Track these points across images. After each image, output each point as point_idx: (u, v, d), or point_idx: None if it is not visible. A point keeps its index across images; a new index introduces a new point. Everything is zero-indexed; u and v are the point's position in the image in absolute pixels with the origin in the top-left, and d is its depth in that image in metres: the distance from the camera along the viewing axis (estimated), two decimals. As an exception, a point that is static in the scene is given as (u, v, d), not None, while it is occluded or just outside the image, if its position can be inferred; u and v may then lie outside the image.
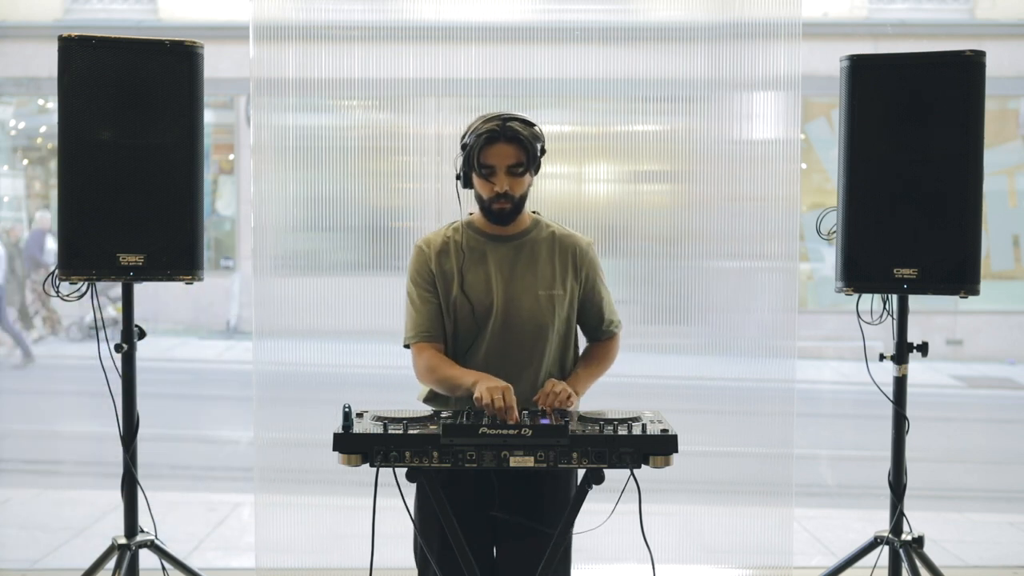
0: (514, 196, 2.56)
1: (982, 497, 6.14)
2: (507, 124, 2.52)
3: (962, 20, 11.98)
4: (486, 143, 2.52)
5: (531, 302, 2.60)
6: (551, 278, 2.64)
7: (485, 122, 2.54)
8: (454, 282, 2.60)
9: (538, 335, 2.60)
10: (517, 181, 2.56)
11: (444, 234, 2.67)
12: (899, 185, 3.03)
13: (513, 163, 2.54)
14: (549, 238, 2.68)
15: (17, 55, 11.79)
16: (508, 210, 2.58)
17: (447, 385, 2.55)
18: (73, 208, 2.91)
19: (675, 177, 4.02)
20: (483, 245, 2.64)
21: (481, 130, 2.53)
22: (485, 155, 2.53)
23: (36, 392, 8.98)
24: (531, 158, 2.55)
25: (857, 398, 8.69)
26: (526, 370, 2.59)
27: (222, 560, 4.51)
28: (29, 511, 5.20)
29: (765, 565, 3.99)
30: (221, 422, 8.24)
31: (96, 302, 3.05)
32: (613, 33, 3.96)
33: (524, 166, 2.55)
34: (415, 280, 2.65)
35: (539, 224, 2.70)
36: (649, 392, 4.02)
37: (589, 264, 2.70)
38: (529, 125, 2.56)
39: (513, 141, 2.52)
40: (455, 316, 2.61)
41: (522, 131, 2.53)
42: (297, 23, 3.84)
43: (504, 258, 2.63)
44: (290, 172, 3.89)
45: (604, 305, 2.74)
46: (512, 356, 2.58)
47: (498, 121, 2.53)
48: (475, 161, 2.54)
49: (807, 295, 11.78)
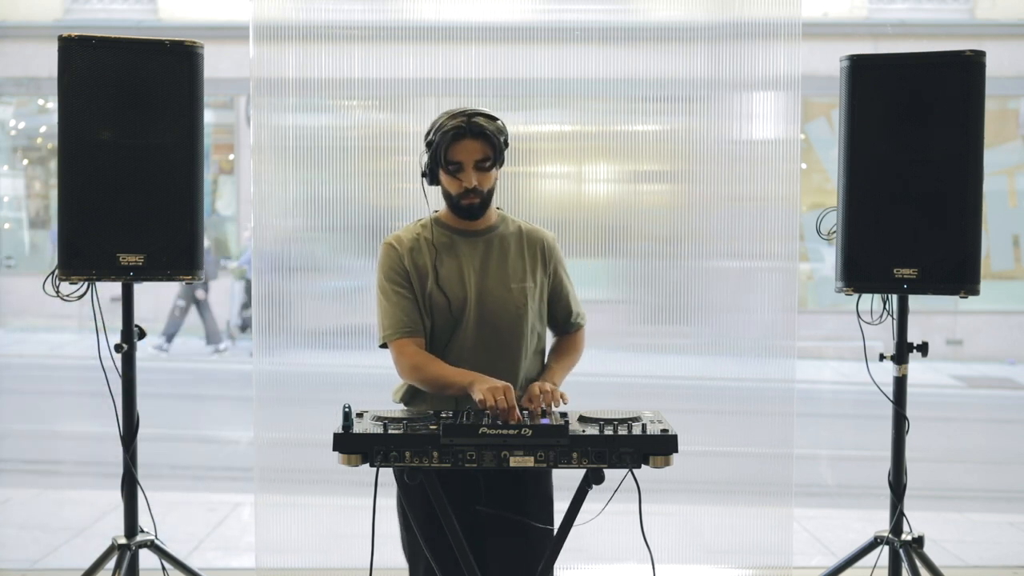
0: (482, 191, 2.58)
1: (982, 497, 6.14)
2: (472, 120, 2.53)
3: (962, 20, 11.98)
4: (452, 139, 2.53)
5: (504, 294, 2.62)
6: (522, 271, 2.66)
7: (450, 118, 2.55)
8: (428, 277, 2.61)
9: (514, 327, 2.61)
10: (485, 176, 2.57)
11: (414, 231, 2.68)
12: (899, 185, 3.03)
13: (480, 158, 2.55)
14: (516, 232, 2.70)
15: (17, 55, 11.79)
16: (477, 205, 2.59)
17: (436, 384, 2.55)
18: (73, 208, 2.91)
19: (675, 177, 4.02)
20: (453, 240, 2.65)
21: (447, 127, 2.54)
22: (452, 152, 2.55)
23: (36, 392, 8.98)
24: (497, 152, 2.57)
25: (857, 398, 8.70)
26: (504, 361, 2.60)
27: (222, 560, 4.51)
28: (29, 511, 5.20)
29: (765, 565, 3.99)
30: (221, 422, 8.24)
31: (96, 302, 3.05)
32: (613, 33, 3.96)
33: (491, 160, 2.56)
34: (389, 276, 2.64)
35: (505, 219, 2.72)
36: (649, 392, 4.02)
37: (556, 258, 2.73)
38: (493, 119, 2.58)
39: (479, 136, 2.54)
40: (431, 311, 2.61)
41: (487, 126, 2.54)
42: (297, 23, 3.84)
43: (475, 252, 2.65)
44: (290, 172, 3.89)
45: (571, 298, 2.77)
46: (490, 348, 2.60)
47: (463, 117, 2.54)
48: (442, 158, 2.56)
49: (807, 295, 11.78)
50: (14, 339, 11.98)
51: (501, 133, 2.58)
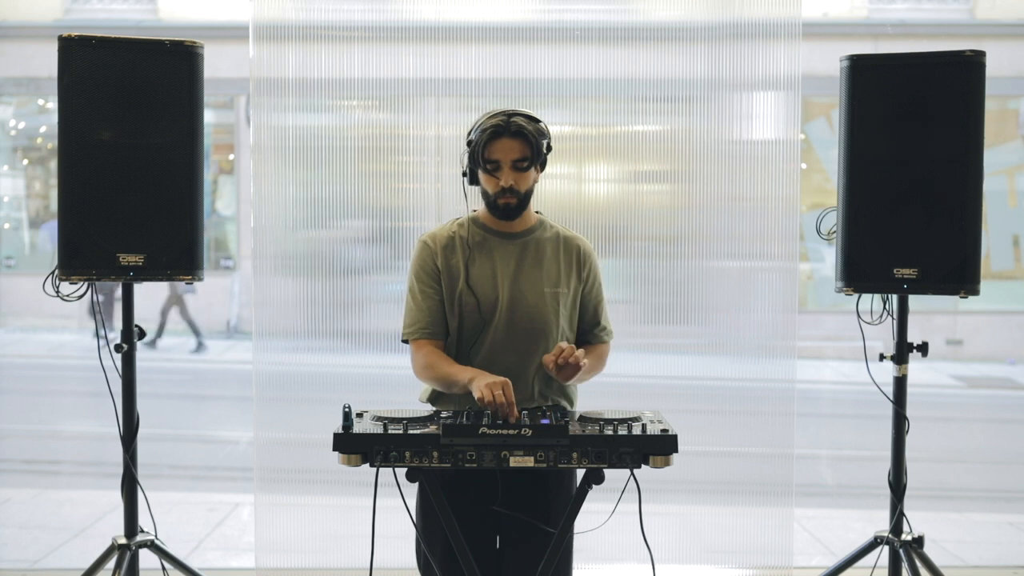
0: (519, 191, 2.57)
1: (982, 497, 6.14)
2: (511, 119, 2.53)
3: (962, 20, 11.98)
4: (491, 138, 2.54)
5: (536, 299, 2.61)
6: (556, 276, 2.64)
7: (490, 118, 2.56)
8: (460, 277, 2.61)
9: (542, 332, 2.60)
10: (522, 176, 2.56)
11: (449, 230, 2.68)
12: (899, 185, 3.03)
13: (518, 157, 2.54)
14: (554, 237, 2.69)
15: (17, 55, 11.80)
16: (514, 205, 2.59)
17: (444, 382, 2.55)
18: (73, 208, 2.91)
19: (675, 177, 4.02)
20: (489, 241, 2.65)
21: (486, 125, 2.54)
22: (490, 150, 2.54)
23: (36, 392, 8.98)
24: (536, 153, 2.56)
25: (857, 398, 8.70)
26: (529, 367, 2.59)
27: (222, 560, 4.51)
28: (29, 511, 5.20)
29: (765, 565, 3.99)
30: (221, 422, 8.24)
31: (96, 302, 3.05)
32: (613, 33, 3.96)
33: (529, 161, 2.56)
34: (418, 275, 2.65)
35: (544, 223, 2.71)
36: (649, 392, 4.02)
37: (592, 265, 2.71)
38: (534, 121, 2.57)
39: (517, 136, 2.53)
40: (460, 311, 2.61)
41: (527, 126, 2.54)
42: (297, 23, 3.84)
43: (510, 254, 2.64)
44: (290, 172, 3.89)
45: (600, 308, 2.75)
46: (516, 352, 2.58)
47: (503, 116, 2.54)
48: (480, 156, 2.55)
49: (807, 295, 11.79)
50: (14, 339, 11.99)
51: (542, 135, 2.58)
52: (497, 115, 2.55)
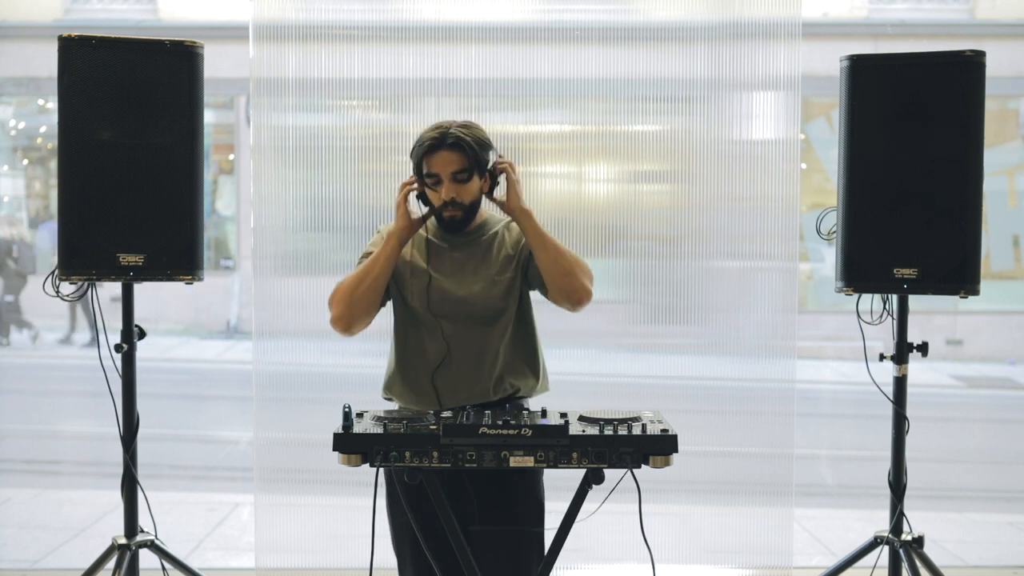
0: (463, 203, 2.56)
1: (982, 497, 6.14)
2: (447, 131, 2.52)
3: (962, 20, 11.98)
4: (428, 152, 2.53)
5: (486, 288, 2.61)
6: (502, 264, 2.65)
7: (428, 131, 2.56)
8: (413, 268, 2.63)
9: (496, 320, 2.61)
10: (463, 188, 2.55)
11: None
12: (899, 185, 3.03)
13: (457, 169, 2.53)
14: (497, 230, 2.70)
15: (17, 55, 11.80)
16: (459, 218, 2.59)
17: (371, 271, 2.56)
18: (73, 208, 2.91)
19: (675, 177, 4.02)
20: (445, 240, 2.66)
21: (423, 139, 2.55)
22: (429, 164, 2.55)
23: (36, 392, 8.98)
24: (476, 163, 2.55)
25: (857, 398, 8.70)
26: (485, 355, 2.60)
27: (222, 560, 4.51)
28: (29, 511, 5.20)
29: (765, 565, 3.99)
30: (221, 422, 8.24)
31: (96, 302, 3.05)
32: (613, 33, 3.96)
33: (468, 171, 2.54)
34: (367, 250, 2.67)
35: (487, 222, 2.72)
36: (649, 392, 4.02)
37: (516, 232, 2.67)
38: (471, 129, 2.56)
39: (455, 147, 2.52)
40: (415, 303, 2.62)
41: (464, 136, 2.52)
42: (297, 23, 3.84)
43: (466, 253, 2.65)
44: (290, 172, 3.89)
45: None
46: (471, 343, 2.60)
47: (440, 129, 2.54)
48: (421, 171, 2.56)
49: (807, 295, 11.78)
50: (14, 339, 11.98)
51: (482, 144, 2.56)
52: (434, 128, 2.55)
